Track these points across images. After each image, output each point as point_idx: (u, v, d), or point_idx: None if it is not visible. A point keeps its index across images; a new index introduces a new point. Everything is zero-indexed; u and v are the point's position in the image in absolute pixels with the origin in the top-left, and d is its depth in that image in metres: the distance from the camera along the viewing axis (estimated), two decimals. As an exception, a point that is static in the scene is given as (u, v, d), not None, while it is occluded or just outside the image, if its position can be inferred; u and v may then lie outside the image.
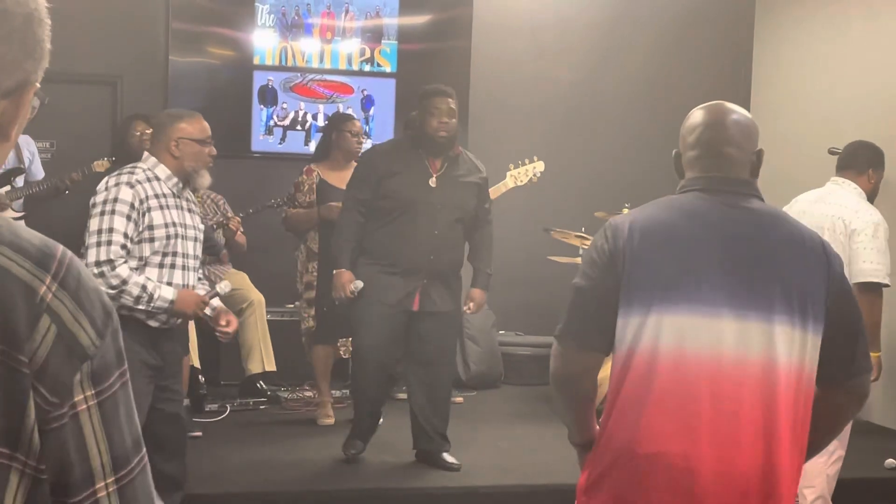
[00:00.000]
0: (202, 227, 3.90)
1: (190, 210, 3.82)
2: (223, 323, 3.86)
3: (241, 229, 6.17)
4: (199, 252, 3.83)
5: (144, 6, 7.03)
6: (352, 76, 7.42)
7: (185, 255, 3.72)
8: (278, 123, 7.28)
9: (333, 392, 6.14)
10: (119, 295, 3.50)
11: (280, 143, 7.30)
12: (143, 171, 3.68)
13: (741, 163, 2.25)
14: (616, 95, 7.74)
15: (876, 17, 6.41)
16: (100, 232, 3.54)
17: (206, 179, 3.83)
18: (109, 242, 3.53)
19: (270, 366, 6.17)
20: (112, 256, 3.52)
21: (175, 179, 3.72)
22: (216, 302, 3.91)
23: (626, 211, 6.23)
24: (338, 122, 6.00)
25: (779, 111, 7.40)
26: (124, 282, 3.52)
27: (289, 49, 7.29)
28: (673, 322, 2.11)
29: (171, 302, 3.60)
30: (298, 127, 7.32)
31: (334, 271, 4.98)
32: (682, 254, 2.15)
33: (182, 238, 3.71)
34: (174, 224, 3.67)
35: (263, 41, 7.23)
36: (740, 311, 2.11)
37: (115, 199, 3.57)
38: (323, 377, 5.93)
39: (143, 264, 3.61)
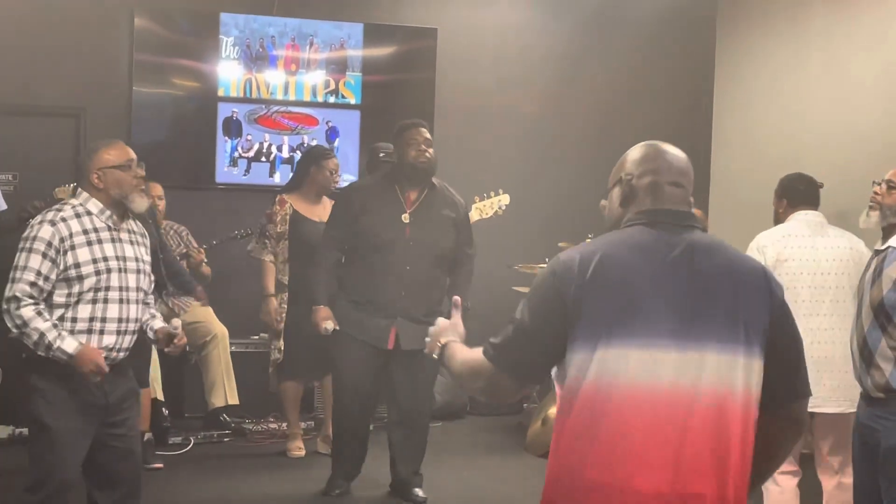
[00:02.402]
0: (148, 258, 3.80)
1: (133, 242, 3.72)
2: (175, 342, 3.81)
3: (206, 261, 6.15)
4: (143, 284, 3.73)
5: (108, 38, 7.02)
6: (316, 108, 7.44)
7: (123, 289, 3.62)
8: (243, 155, 7.28)
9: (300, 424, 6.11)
10: (21, 336, 3.50)
11: (244, 175, 7.29)
12: (73, 207, 3.63)
13: (683, 195, 2.31)
14: (578, 127, 7.81)
15: (834, 50, 6.52)
16: (15, 268, 3.54)
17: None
18: (19, 280, 3.51)
19: (233, 399, 6.14)
20: (18, 294, 3.50)
21: (108, 212, 3.65)
22: (176, 322, 3.84)
23: (589, 240, 6.28)
24: (318, 157, 5.94)
25: (740, 144, 7.49)
26: (25, 324, 3.48)
27: (253, 81, 7.30)
28: (618, 356, 2.13)
29: (71, 356, 3.49)
30: (263, 158, 7.32)
31: (312, 307, 4.99)
32: (627, 288, 2.18)
33: (120, 271, 3.62)
34: (105, 259, 3.59)
35: (228, 73, 7.24)
36: (686, 343, 2.14)
37: (34, 237, 3.55)
38: (292, 410, 5.90)
39: (75, 301, 3.55)
